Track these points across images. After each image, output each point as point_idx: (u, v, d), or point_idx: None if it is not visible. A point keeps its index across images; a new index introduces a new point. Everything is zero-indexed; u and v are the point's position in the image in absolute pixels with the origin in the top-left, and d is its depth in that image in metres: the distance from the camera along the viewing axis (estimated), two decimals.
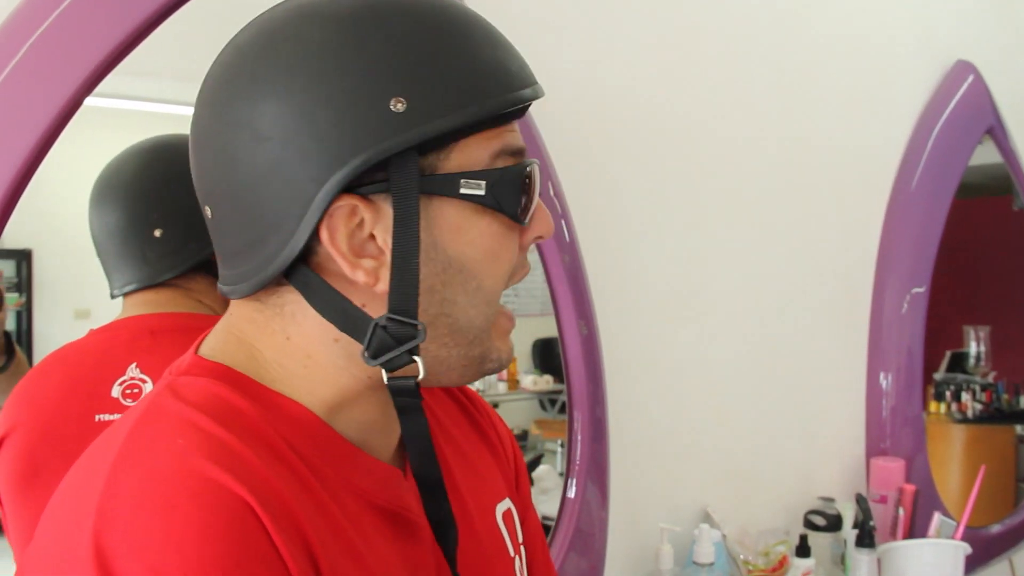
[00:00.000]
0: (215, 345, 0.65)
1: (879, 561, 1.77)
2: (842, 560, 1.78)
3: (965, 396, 3.05)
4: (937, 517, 1.82)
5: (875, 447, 2.10)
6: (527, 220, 0.62)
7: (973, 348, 3.12)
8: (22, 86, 0.98)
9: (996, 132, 2.44)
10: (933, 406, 3.10)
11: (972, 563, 2.36)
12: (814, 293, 2.02)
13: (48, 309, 1.17)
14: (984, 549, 2.40)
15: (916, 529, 1.88)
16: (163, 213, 0.99)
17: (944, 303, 3.24)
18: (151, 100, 1.19)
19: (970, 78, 2.42)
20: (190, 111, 0.62)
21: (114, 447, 0.56)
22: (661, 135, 1.70)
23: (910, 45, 2.34)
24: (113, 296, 1.03)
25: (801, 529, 1.82)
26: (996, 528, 2.43)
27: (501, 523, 0.79)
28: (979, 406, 3.05)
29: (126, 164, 1.06)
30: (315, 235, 0.57)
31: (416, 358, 0.58)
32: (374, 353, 0.58)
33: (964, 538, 1.77)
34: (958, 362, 3.15)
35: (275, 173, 0.56)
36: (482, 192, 0.59)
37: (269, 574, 0.52)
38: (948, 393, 3.08)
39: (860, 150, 2.17)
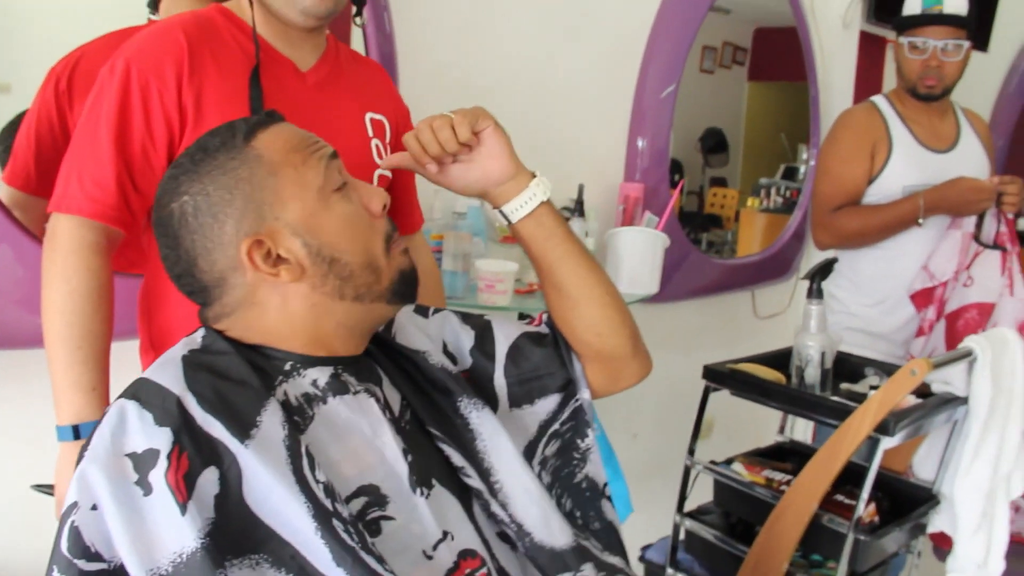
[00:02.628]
0: None
1: (607, 242, 2.45)
2: None
3: (773, 195, 3.79)
4: (647, 215, 2.50)
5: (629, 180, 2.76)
6: None
7: (803, 163, 3.81)
8: None
9: None
10: (750, 201, 3.83)
11: (720, 287, 3.09)
12: (591, 56, 2.62)
13: None
14: (736, 277, 3.14)
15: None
16: None
17: (798, 110, 3.83)
18: None
19: None
20: None
21: None
22: None
23: None
24: None
25: None
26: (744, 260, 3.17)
27: (368, 122, 1.46)
28: (780, 200, 3.78)
29: None
30: None
31: None
32: None
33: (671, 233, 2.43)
34: (790, 174, 3.85)
35: None
36: None
37: (174, 59, 1.24)
38: (763, 191, 3.82)
39: None
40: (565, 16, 2.52)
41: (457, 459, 1.02)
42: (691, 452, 1.97)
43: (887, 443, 1.61)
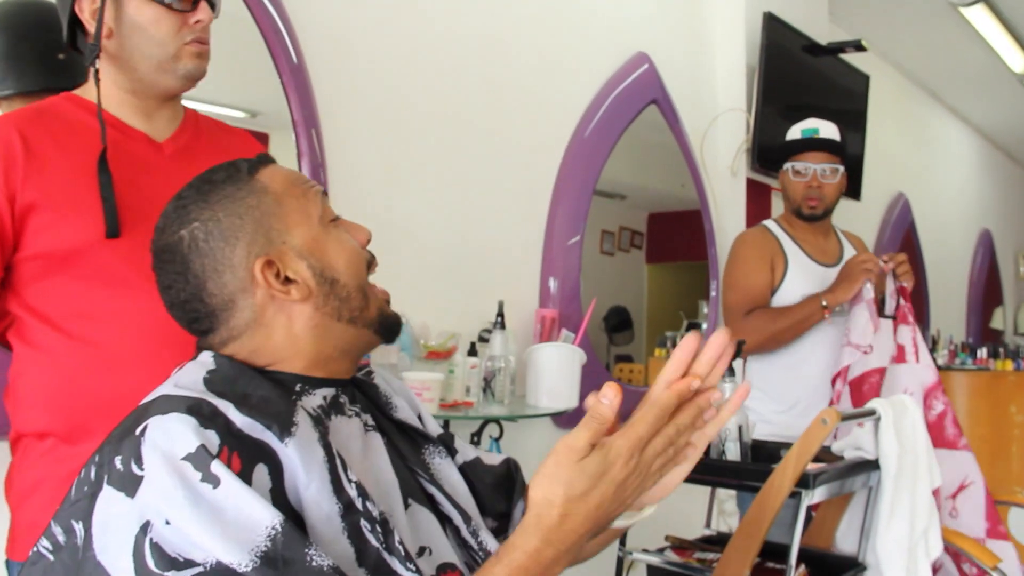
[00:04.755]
0: None
1: (527, 360, 2.53)
2: None
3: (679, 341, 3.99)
4: (563, 332, 2.61)
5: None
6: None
7: (704, 318, 4.03)
8: None
9: (661, 103, 3.33)
10: (658, 351, 4.00)
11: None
12: (505, 203, 2.81)
13: None
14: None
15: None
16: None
17: (694, 288, 4.07)
18: None
19: (645, 66, 3.31)
20: None
21: None
22: (409, 88, 2.49)
23: (600, 37, 3.21)
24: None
25: (476, 340, 2.56)
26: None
27: None
28: None
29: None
30: None
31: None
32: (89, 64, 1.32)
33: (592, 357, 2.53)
34: (695, 327, 4.05)
35: None
36: None
37: (4, 154, 1.24)
38: (668, 342, 4.00)
39: (553, 105, 3.00)
40: (478, 166, 2.73)
41: (428, 487, 1.06)
42: (622, 543, 1.98)
43: (809, 498, 1.67)
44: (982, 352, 3.91)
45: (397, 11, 2.51)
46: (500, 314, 2.46)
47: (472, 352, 2.49)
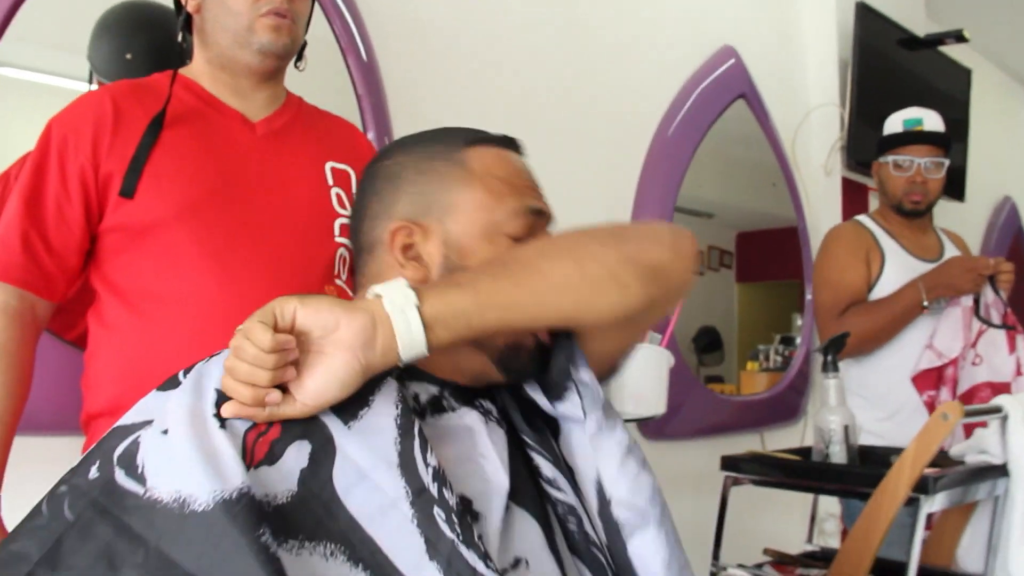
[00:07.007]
0: None
1: None
2: None
3: (772, 356, 3.81)
4: (650, 333, 2.45)
5: None
6: None
7: (797, 331, 3.85)
8: None
9: (749, 98, 3.17)
10: (750, 364, 3.84)
11: (729, 427, 3.00)
12: (587, 201, 2.66)
13: None
14: (744, 416, 3.05)
15: None
16: None
17: (785, 307, 3.90)
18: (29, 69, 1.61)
19: (731, 60, 3.16)
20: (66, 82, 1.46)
21: None
22: (483, 84, 2.40)
23: (686, 29, 3.08)
24: None
25: None
26: (751, 397, 3.08)
27: (328, 171, 1.41)
28: (779, 359, 3.79)
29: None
30: None
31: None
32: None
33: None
34: (789, 341, 3.87)
35: None
36: None
37: (95, 119, 1.24)
38: (760, 355, 3.84)
39: (634, 101, 2.87)
40: (557, 165, 2.59)
41: (548, 470, 0.90)
42: (715, 557, 1.83)
43: (929, 505, 1.49)
44: None
45: (472, 4, 2.42)
46: None
47: None
